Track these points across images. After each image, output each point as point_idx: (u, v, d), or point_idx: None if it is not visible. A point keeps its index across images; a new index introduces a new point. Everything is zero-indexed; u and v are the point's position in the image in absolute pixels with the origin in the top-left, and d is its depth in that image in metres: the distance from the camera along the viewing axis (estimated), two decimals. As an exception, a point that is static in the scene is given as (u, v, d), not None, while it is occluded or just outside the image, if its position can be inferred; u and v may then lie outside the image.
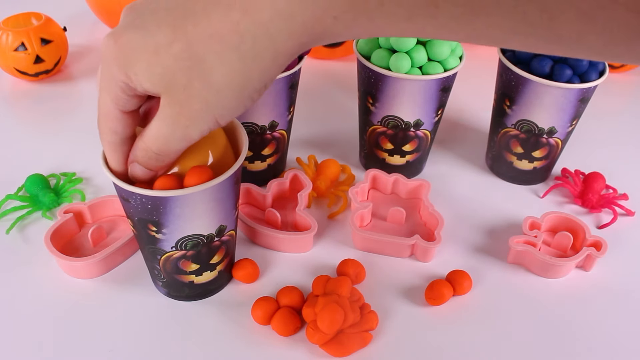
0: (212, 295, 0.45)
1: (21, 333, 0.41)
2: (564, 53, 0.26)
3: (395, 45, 0.48)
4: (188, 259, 0.40)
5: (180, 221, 0.37)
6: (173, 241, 0.39)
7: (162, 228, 0.37)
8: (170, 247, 0.39)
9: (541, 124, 0.51)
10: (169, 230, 0.38)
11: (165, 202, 0.36)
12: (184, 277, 0.42)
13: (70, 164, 0.57)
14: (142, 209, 0.36)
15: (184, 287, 0.43)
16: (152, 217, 0.37)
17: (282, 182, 0.52)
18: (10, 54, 0.66)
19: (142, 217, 0.37)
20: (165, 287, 0.44)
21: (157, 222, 0.37)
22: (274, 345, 0.41)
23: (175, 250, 0.39)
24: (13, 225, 0.49)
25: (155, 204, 0.36)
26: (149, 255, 0.41)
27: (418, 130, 0.53)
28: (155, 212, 0.36)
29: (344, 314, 0.40)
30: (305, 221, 0.49)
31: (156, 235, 0.38)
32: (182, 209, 0.36)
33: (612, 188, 0.56)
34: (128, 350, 0.41)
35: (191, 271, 0.42)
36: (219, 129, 0.39)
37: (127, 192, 0.36)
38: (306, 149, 0.61)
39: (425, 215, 0.51)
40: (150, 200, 0.35)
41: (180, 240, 0.39)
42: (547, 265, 0.47)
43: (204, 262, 0.41)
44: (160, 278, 0.43)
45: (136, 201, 0.36)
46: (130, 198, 0.36)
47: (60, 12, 0.82)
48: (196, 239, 0.39)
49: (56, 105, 0.67)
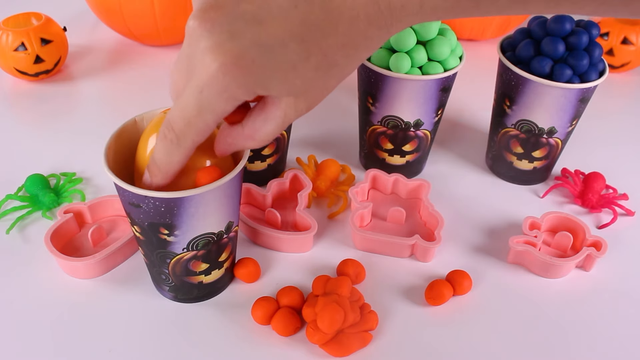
0: (218, 294, 0.45)
1: (21, 333, 0.41)
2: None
3: (395, 45, 0.48)
4: (199, 259, 0.41)
5: (194, 220, 0.37)
6: (185, 242, 0.38)
7: (175, 230, 0.37)
8: (181, 248, 0.39)
9: (541, 124, 0.51)
10: (182, 231, 0.37)
11: (180, 202, 0.35)
12: (194, 278, 0.42)
13: (70, 164, 0.57)
14: (154, 213, 0.36)
15: (192, 289, 0.43)
16: (165, 220, 0.36)
17: (282, 182, 0.52)
18: (10, 54, 0.66)
19: (154, 221, 0.37)
20: (173, 291, 0.43)
21: (170, 224, 0.37)
22: (274, 345, 0.41)
23: (187, 251, 0.39)
24: (13, 225, 0.49)
25: (169, 206, 0.35)
26: (157, 260, 0.40)
27: (418, 130, 0.53)
28: (169, 214, 0.36)
29: (344, 314, 0.40)
30: (305, 221, 0.49)
31: (167, 238, 0.38)
32: (197, 208, 0.36)
33: (612, 188, 0.56)
34: (128, 350, 0.41)
35: (201, 271, 0.42)
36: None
37: (139, 197, 0.35)
38: (306, 149, 0.61)
39: (425, 215, 0.51)
40: (164, 203, 0.35)
41: (193, 241, 0.39)
42: (547, 265, 0.47)
43: (213, 261, 0.42)
44: (167, 282, 0.42)
45: (148, 205, 0.35)
46: (142, 203, 0.35)
47: (60, 12, 0.82)
48: (207, 237, 0.39)
49: (56, 105, 0.67)
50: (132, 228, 0.40)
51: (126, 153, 0.40)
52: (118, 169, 0.39)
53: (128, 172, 0.40)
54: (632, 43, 0.73)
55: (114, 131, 0.40)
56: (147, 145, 0.38)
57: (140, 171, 0.38)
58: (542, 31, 0.49)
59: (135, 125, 0.41)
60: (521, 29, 0.52)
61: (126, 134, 0.41)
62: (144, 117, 0.42)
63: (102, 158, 0.37)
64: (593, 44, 0.49)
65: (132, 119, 0.41)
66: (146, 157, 0.37)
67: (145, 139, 0.38)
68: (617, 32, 0.73)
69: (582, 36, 0.48)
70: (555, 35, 0.48)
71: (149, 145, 0.37)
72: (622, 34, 0.73)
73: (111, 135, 0.40)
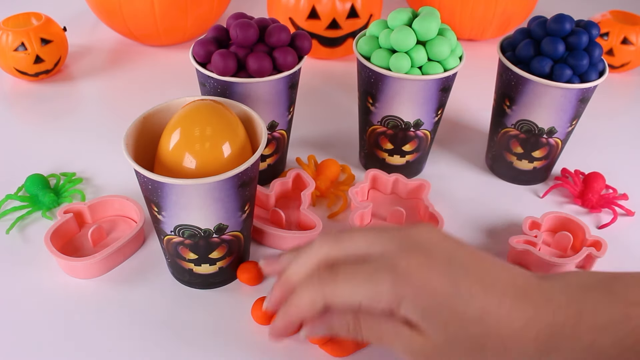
0: (215, 287, 0.45)
1: (21, 333, 0.41)
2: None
3: (395, 45, 0.48)
4: (186, 247, 0.42)
5: (177, 209, 0.39)
6: (172, 226, 0.40)
7: (162, 211, 0.39)
8: (169, 230, 0.41)
9: (541, 124, 0.51)
10: (168, 214, 0.39)
11: (161, 186, 0.37)
12: (184, 264, 0.43)
13: (70, 164, 0.57)
14: (145, 188, 0.39)
15: (184, 273, 0.44)
16: (154, 198, 0.39)
17: (284, 182, 0.52)
18: (10, 54, 0.66)
19: (147, 195, 0.40)
20: (170, 267, 0.45)
21: (158, 203, 0.39)
22: (274, 345, 0.41)
23: (174, 235, 0.41)
24: (13, 225, 0.49)
25: (154, 187, 0.38)
26: (157, 232, 0.43)
27: (418, 130, 0.53)
28: (155, 194, 0.38)
29: None
30: (309, 220, 0.49)
31: (158, 215, 0.40)
32: (178, 197, 0.38)
33: (612, 188, 0.56)
34: (127, 350, 0.41)
35: (190, 259, 0.43)
36: (240, 123, 0.41)
37: (135, 170, 0.38)
38: (306, 149, 0.61)
39: (425, 215, 0.51)
40: (150, 182, 0.38)
41: (178, 227, 0.40)
42: (547, 265, 0.47)
43: (202, 255, 0.42)
44: (166, 257, 0.45)
45: (142, 179, 0.38)
46: (138, 176, 0.39)
47: (60, 12, 0.82)
48: (192, 229, 0.40)
49: (56, 105, 0.67)
50: None
51: (148, 135, 0.43)
52: (142, 142, 0.42)
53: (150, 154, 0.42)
54: (632, 43, 0.73)
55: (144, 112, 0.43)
56: (170, 139, 0.39)
57: (161, 159, 0.40)
58: (542, 31, 0.49)
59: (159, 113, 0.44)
60: (521, 29, 0.51)
61: (153, 118, 0.43)
62: (171, 104, 0.44)
63: (122, 142, 0.39)
64: (593, 44, 0.49)
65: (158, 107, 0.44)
66: (169, 150, 0.39)
67: (169, 132, 0.39)
68: (617, 32, 0.73)
69: (582, 36, 0.48)
70: (555, 35, 0.48)
71: (172, 140, 0.39)
72: (622, 34, 0.73)
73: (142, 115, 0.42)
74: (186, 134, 0.38)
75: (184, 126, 0.39)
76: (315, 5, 0.71)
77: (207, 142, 0.38)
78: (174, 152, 0.38)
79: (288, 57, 0.47)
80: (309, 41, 0.49)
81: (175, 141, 0.39)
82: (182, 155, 0.38)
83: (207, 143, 0.38)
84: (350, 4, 0.71)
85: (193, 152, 0.38)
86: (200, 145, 0.38)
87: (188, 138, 0.38)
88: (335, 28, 0.72)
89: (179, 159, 0.38)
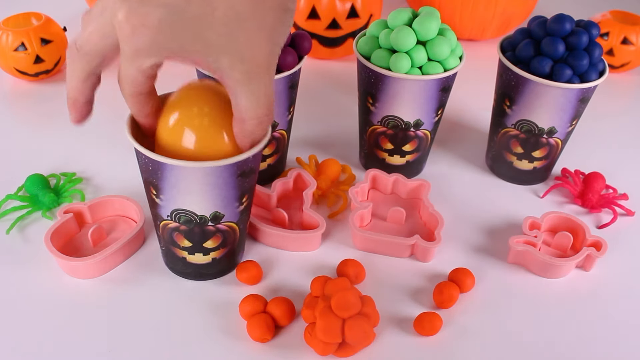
0: (207, 279, 0.45)
1: (21, 333, 0.41)
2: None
3: (395, 45, 0.48)
4: (181, 233, 0.42)
5: (175, 192, 0.39)
6: (169, 210, 0.41)
7: (160, 193, 0.40)
8: (166, 215, 0.41)
9: (541, 124, 0.51)
10: (165, 197, 0.40)
11: (162, 168, 0.38)
12: (178, 251, 0.44)
13: (70, 164, 0.57)
14: (145, 169, 0.39)
15: (177, 261, 0.45)
16: (153, 180, 0.39)
17: (286, 182, 0.52)
18: (10, 54, 0.66)
19: (146, 178, 0.40)
20: (164, 256, 0.46)
21: (157, 185, 0.39)
22: (274, 345, 0.41)
23: (170, 220, 0.41)
24: (13, 225, 0.49)
25: (154, 167, 0.38)
26: (154, 217, 0.43)
27: (418, 130, 0.53)
28: (155, 175, 0.39)
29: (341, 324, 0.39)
30: (312, 219, 0.49)
31: (156, 199, 0.41)
32: (177, 179, 0.38)
33: (612, 188, 0.56)
34: (128, 350, 0.41)
35: (184, 247, 0.43)
36: None
37: (135, 149, 0.38)
38: (306, 149, 0.61)
39: (425, 215, 0.51)
40: (151, 163, 0.38)
41: (174, 212, 0.40)
42: (547, 265, 0.47)
43: (196, 243, 0.43)
44: (160, 244, 0.45)
45: (142, 160, 0.39)
46: (138, 157, 0.39)
47: (60, 12, 0.82)
48: (188, 215, 0.40)
49: (56, 105, 0.67)
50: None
51: None
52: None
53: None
54: (632, 43, 0.73)
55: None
56: (169, 118, 0.39)
57: (160, 141, 0.39)
58: (542, 31, 0.49)
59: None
60: (521, 29, 0.52)
61: None
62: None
63: (125, 124, 0.40)
64: (593, 44, 0.49)
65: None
66: (168, 128, 0.39)
67: (168, 111, 0.39)
68: (617, 32, 0.73)
69: (582, 36, 0.48)
70: (555, 35, 0.48)
71: (171, 118, 0.39)
72: (622, 34, 0.73)
73: None
74: (185, 112, 0.38)
75: (184, 104, 0.38)
76: (315, 5, 0.71)
77: (205, 117, 0.37)
78: (173, 130, 0.38)
79: (288, 57, 0.47)
80: (309, 41, 0.49)
81: (174, 118, 0.38)
82: (181, 133, 0.38)
83: (206, 119, 0.37)
84: (350, 4, 0.71)
85: (193, 128, 0.37)
86: (199, 121, 0.37)
87: (187, 114, 0.38)
88: (335, 28, 0.72)
89: (178, 137, 0.38)
